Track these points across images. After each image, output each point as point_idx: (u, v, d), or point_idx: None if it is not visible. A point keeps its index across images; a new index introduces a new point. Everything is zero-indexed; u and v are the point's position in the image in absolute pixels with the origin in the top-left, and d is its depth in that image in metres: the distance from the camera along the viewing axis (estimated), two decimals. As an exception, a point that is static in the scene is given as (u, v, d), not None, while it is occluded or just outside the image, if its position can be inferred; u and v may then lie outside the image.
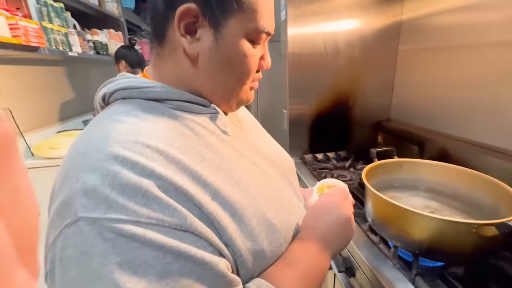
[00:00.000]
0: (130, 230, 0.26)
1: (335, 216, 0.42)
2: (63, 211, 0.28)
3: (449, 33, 0.94)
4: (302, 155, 1.29)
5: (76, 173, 0.28)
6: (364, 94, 1.25)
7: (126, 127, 0.31)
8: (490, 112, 0.83)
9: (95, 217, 0.26)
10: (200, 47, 0.35)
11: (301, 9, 1.09)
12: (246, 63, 0.37)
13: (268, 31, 0.37)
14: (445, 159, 0.92)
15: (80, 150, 0.30)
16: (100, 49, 1.83)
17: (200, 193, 0.31)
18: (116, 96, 0.36)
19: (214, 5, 0.33)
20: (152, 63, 0.39)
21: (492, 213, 0.62)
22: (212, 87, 0.38)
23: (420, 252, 0.57)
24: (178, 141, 0.33)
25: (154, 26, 0.37)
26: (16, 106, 1.37)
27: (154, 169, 0.29)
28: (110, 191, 0.27)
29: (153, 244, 0.26)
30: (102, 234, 0.26)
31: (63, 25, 1.40)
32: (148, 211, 0.27)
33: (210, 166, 0.33)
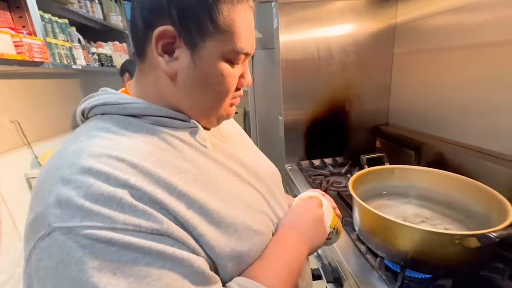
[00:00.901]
0: (107, 235, 0.26)
1: (309, 215, 0.47)
2: (37, 224, 0.28)
3: (444, 34, 0.92)
4: (298, 161, 1.28)
5: (50, 187, 0.29)
6: (360, 98, 1.24)
7: (102, 142, 0.32)
8: (486, 114, 0.80)
9: (70, 226, 0.26)
10: (178, 66, 0.35)
11: (292, 16, 1.10)
12: (224, 83, 0.37)
13: (246, 51, 0.37)
14: (441, 164, 0.89)
15: (55, 164, 0.31)
16: (105, 61, 1.90)
17: (175, 203, 0.31)
18: (95, 111, 0.37)
19: (190, 27, 0.34)
20: (135, 79, 0.41)
21: (485, 221, 0.60)
22: (190, 104, 0.39)
23: (405, 264, 0.56)
24: (155, 155, 0.33)
25: (136, 44, 0.38)
26: (25, 118, 1.43)
27: (128, 180, 0.29)
28: (84, 201, 0.27)
29: (131, 247, 0.27)
30: (78, 241, 0.26)
31: (67, 40, 1.47)
32: (124, 217, 0.28)
33: (186, 178, 0.34)
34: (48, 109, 1.64)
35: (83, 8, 1.70)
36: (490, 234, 0.44)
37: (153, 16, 0.34)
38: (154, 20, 0.34)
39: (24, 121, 1.42)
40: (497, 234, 0.43)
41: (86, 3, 1.74)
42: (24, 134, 1.42)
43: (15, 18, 1.17)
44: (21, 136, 1.42)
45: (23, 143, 1.44)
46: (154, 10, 0.34)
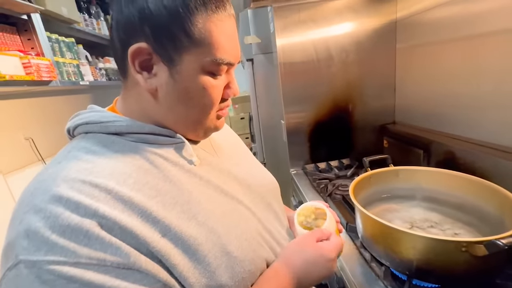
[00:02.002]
0: (69, 272, 0.26)
1: (314, 256, 0.41)
2: (7, 253, 0.28)
3: (447, 26, 0.87)
4: (303, 165, 1.25)
5: (22, 215, 0.29)
6: (364, 98, 1.20)
7: (79, 165, 0.32)
8: (498, 107, 0.75)
9: (34, 260, 0.26)
10: (158, 82, 0.35)
11: (288, 19, 1.09)
12: (207, 95, 0.36)
13: (228, 61, 0.36)
14: (452, 163, 0.84)
15: (30, 190, 0.31)
16: (112, 74, 1.95)
17: (148, 232, 0.31)
18: (79, 130, 0.38)
19: (165, 42, 0.33)
20: (121, 96, 0.41)
21: (498, 225, 0.55)
22: (174, 119, 0.38)
23: (411, 273, 0.52)
24: (133, 176, 0.33)
25: (117, 63, 0.38)
26: (38, 134, 1.50)
27: (98, 209, 0.29)
28: (51, 233, 0.27)
29: (92, 285, 0.27)
30: (40, 276, 0.26)
31: (74, 58, 1.52)
32: (88, 251, 0.27)
33: (164, 201, 0.33)
34: (59, 124, 1.70)
35: (89, 26, 1.76)
36: (499, 241, 0.40)
37: (128, 34, 0.34)
38: (129, 39, 0.34)
39: (38, 137, 1.49)
40: (506, 241, 0.40)
41: (92, 21, 1.81)
42: (38, 150, 1.48)
43: (23, 40, 1.23)
44: (35, 152, 1.48)
45: (37, 159, 1.50)
46: (127, 28, 0.33)
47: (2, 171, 1.27)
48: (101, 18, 1.90)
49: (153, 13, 0.32)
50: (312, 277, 0.41)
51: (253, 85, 1.49)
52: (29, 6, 1.13)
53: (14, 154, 1.36)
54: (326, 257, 0.41)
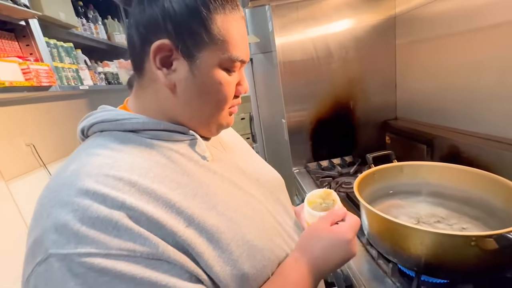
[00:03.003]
0: (100, 264, 0.26)
1: (330, 240, 0.40)
2: (35, 248, 0.28)
3: (447, 20, 0.87)
4: (306, 164, 1.25)
5: (48, 209, 0.29)
6: (365, 94, 1.19)
7: (100, 160, 0.32)
8: (501, 99, 0.74)
9: (65, 253, 0.26)
10: (177, 78, 0.36)
11: (286, 17, 1.08)
12: (222, 91, 0.38)
13: (242, 59, 0.38)
14: (456, 157, 0.84)
15: (53, 187, 0.31)
16: (111, 79, 1.95)
17: (174, 221, 0.31)
18: (94, 129, 0.38)
19: (186, 39, 0.34)
20: (133, 94, 0.41)
21: (506, 218, 0.55)
22: (190, 114, 0.39)
23: (419, 270, 0.52)
24: (153, 170, 0.34)
25: (133, 60, 0.39)
26: (39, 140, 1.50)
27: (125, 200, 0.29)
28: (80, 225, 0.27)
29: (124, 277, 0.27)
30: (72, 269, 0.26)
31: (73, 62, 1.52)
32: (119, 242, 0.27)
33: (185, 193, 0.34)
34: (60, 129, 1.71)
35: (88, 30, 1.76)
36: (509, 234, 0.39)
37: (149, 31, 0.35)
38: (150, 35, 0.35)
39: (39, 143, 1.49)
40: (517, 235, 0.39)
41: (90, 26, 1.81)
42: (39, 156, 1.48)
43: (22, 46, 1.23)
44: (37, 158, 1.48)
45: (39, 165, 1.50)
46: (149, 25, 0.35)
47: (4, 178, 1.26)
48: (98, 22, 1.90)
49: (176, 11, 0.33)
50: (333, 262, 0.40)
51: (253, 84, 1.49)
52: (27, 12, 1.13)
53: (15, 160, 1.35)
54: (343, 239, 0.40)
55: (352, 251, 0.40)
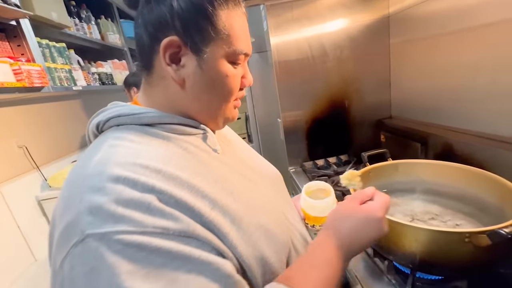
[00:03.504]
0: (137, 240, 0.27)
1: (359, 219, 0.40)
2: (69, 232, 0.28)
3: (440, 19, 0.88)
4: (301, 163, 1.25)
5: (80, 195, 0.29)
6: (360, 93, 1.20)
7: (124, 150, 0.33)
8: (494, 97, 0.75)
9: (103, 232, 0.27)
10: (186, 73, 0.38)
11: (281, 17, 1.08)
12: (229, 83, 0.40)
13: (245, 52, 0.40)
14: (450, 155, 0.84)
15: (81, 174, 0.32)
16: (105, 79, 1.93)
17: (200, 204, 0.32)
18: (110, 123, 0.38)
19: (194, 35, 0.36)
20: (142, 91, 0.42)
21: (499, 215, 0.55)
22: (199, 107, 0.41)
23: (414, 267, 0.52)
24: (174, 159, 0.35)
25: (142, 58, 0.40)
26: (32, 142, 1.48)
27: (154, 185, 0.30)
28: (116, 206, 0.28)
29: (160, 251, 0.28)
30: (110, 247, 0.27)
31: (66, 63, 1.50)
32: (153, 221, 0.29)
33: (206, 180, 0.36)
34: (53, 131, 1.68)
35: (80, 30, 1.74)
36: (501, 230, 0.40)
37: (158, 29, 0.36)
38: (159, 34, 0.36)
39: (31, 145, 1.46)
40: (509, 230, 0.40)
41: (83, 25, 1.78)
42: (32, 158, 1.46)
43: (13, 46, 1.21)
44: (30, 160, 1.46)
45: (32, 167, 1.47)
46: (158, 24, 0.36)
47: (-4, 181, 1.24)
48: (92, 22, 1.88)
49: (183, 9, 0.35)
50: (362, 242, 0.39)
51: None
52: (17, 12, 1.11)
53: (7, 163, 1.33)
54: (374, 218, 0.39)
55: (383, 229, 0.40)
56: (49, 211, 1.47)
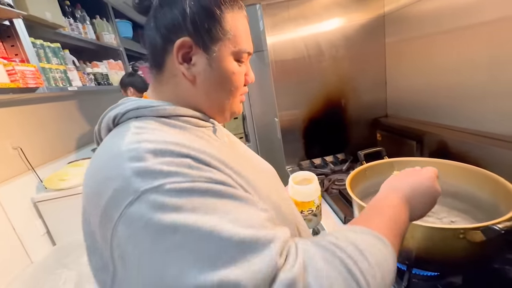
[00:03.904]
0: (189, 186, 0.30)
1: (416, 177, 0.44)
2: (119, 197, 0.29)
3: (435, 18, 0.89)
4: (299, 162, 1.25)
5: (121, 165, 0.30)
6: (356, 92, 1.21)
7: (151, 133, 0.35)
8: (489, 96, 0.76)
9: (156, 185, 0.29)
10: (196, 70, 0.41)
11: (277, 16, 1.09)
12: (235, 79, 0.43)
13: (248, 51, 0.44)
14: (445, 153, 0.85)
15: (115, 151, 0.32)
16: (101, 79, 1.92)
17: (229, 171, 0.36)
18: (129, 115, 0.40)
19: (204, 36, 0.39)
20: (152, 88, 0.45)
21: (493, 211, 0.56)
22: (209, 102, 0.44)
23: (410, 263, 0.53)
24: (196, 141, 0.38)
25: (154, 57, 0.43)
26: (26, 143, 1.46)
27: (189, 152, 0.33)
28: (161, 166, 0.30)
29: (211, 191, 0.30)
30: (167, 194, 0.28)
31: (61, 63, 1.49)
32: (199, 173, 0.31)
33: (227, 156, 0.39)
34: (48, 132, 1.67)
35: (75, 30, 1.72)
36: (495, 226, 0.41)
37: (171, 31, 0.39)
38: (172, 35, 0.39)
39: (26, 146, 1.45)
40: (503, 226, 0.40)
41: (78, 25, 1.77)
42: (27, 159, 1.44)
43: (7, 47, 1.20)
44: (25, 162, 1.44)
45: (27, 168, 1.46)
46: (172, 26, 0.39)
47: (-10, 183, 1.23)
48: (87, 22, 1.86)
49: (194, 13, 0.39)
50: (421, 198, 0.41)
51: (245, 84, 1.49)
52: (11, 12, 1.09)
53: (2, 164, 1.32)
54: (427, 176, 0.44)
55: (438, 188, 0.43)
56: (45, 213, 1.46)
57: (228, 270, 0.25)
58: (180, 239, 0.27)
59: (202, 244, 0.27)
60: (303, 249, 0.30)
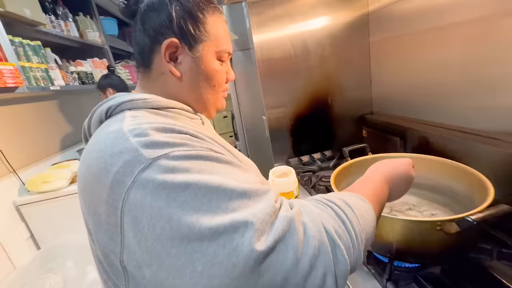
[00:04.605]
0: (195, 153, 0.33)
1: (394, 162, 0.51)
2: (130, 166, 0.31)
3: (416, 18, 0.91)
4: (287, 159, 1.26)
5: (128, 140, 0.33)
6: (342, 90, 1.23)
7: (148, 119, 0.37)
8: (467, 93, 0.79)
9: (165, 152, 0.32)
10: (183, 68, 0.45)
11: (263, 15, 1.09)
12: (218, 76, 0.48)
13: (229, 51, 0.49)
14: (426, 148, 0.88)
15: (114, 134, 0.34)
16: (85, 78, 1.87)
17: (222, 148, 0.40)
18: (122, 107, 0.41)
19: (189, 37, 0.44)
20: (141, 85, 0.48)
21: (470, 203, 0.59)
22: (196, 97, 0.48)
23: (391, 256, 0.54)
24: (189, 125, 0.40)
25: (142, 57, 0.46)
26: (7, 145, 1.41)
27: (188, 130, 0.37)
28: (166, 139, 0.33)
29: (213, 158, 0.34)
30: (176, 159, 0.31)
31: (42, 62, 1.44)
32: (200, 144, 0.35)
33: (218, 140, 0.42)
34: (30, 133, 1.62)
35: (57, 27, 1.67)
36: (469, 217, 0.42)
37: (158, 33, 0.43)
38: (159, 36, 0.43)
39: (7, 148, 1.40)
40: (475, 217, 0.42)
41: (60, 23, 1.71)
42: (8, 161, 1.40)
43: (-17, 45, 1.15)
44: (6, 164, 1.39)
45: (8, 171, 1.41)
46: (158, 29, 0.43)
47: (-32, 186, 1.18)
48: (69, 19, 1.81)
49: (179, 16, 0.43)
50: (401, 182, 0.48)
51: (233, 82, 1.48)
52: (-14, 8, 1.05)
53: (-19, 167, 1.27)
54: (404, 162, 0.51)
55: (413, 174, 0.50)
56: (28, 217, 1.41)
57: (237, 213, 0.30)
58: (192, 193, 0.30)
59: (212, 195, 0.30)
60: (297, 201, 0.36)
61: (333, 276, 0.30)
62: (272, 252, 0.28)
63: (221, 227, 0.28)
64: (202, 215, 0.29)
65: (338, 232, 0.32)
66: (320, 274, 0.29)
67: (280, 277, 0.28)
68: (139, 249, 0.30)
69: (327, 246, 0.30)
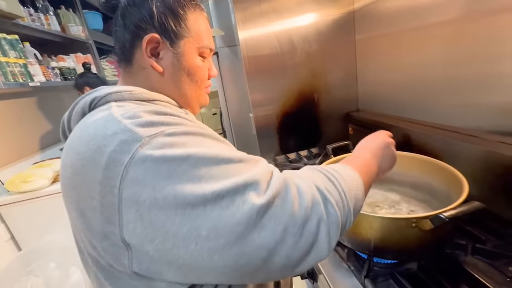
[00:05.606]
0: (188, 130, 0.34)
1: (380, 140, 0.53)
2: (127, 144, 0.31)
3: (400, 16, 0.92)
4: (274, 157, 1.26)
5: (120, 123, 0.33)
6: (328, 87, 1.23)
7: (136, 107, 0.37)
8: (448, 91, 0.80)
9: (160, 130, 0.32)
10: (164, 64, 0.45)
11: (248, 11, 1.07)
12: (200, 72, 0.48)
13: (210, 47, 0.49)
14: (408, 145, 0.89)
15: (104, 119, 0.34)
16: (68, 74, 1.81)
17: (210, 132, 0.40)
18: (108, 98, 0.40)
19: (170, 33, 0.44)
20: (123, 80, 0.48)
21: (447, 200, 0.60)
22: (179, 93, 0.48)
23: (370, 252, 0.55)
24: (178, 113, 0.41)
25: (123, 52, 0.46)
26: (-16, 143, 1.35)
27: (179, 114, 0.38)
28: (159, 119, 0.34)
29: (206, 135, 0.36)
30: (172, 135, 0.33)
31: (20, 57, 1.38)
32: (192, 124, 0.37)
33: None
34: (9, 131, 1.56)
35: (36, 21, 1.60)
36: (441, 214, 0.43)
37: (139, 28, 0.43)
38: (140, 31, 0.43)
39: (-16, 147, 1.34)
40: (448, 214, 0.43)
41: (40, 16, 1.65)
42: (-15, 160, 1.34)
43: (-46, 39, 1.09)
44: (-18, 163, 1.34)
45: None
46: (140, 24, 0.43)
47: None
48: (50, 12, 1.74)
49: (161, 12, 0.43)
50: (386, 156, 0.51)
51: (220, 78, 1.47)
52: (-44, -1, 0.99)
53: (-46, 167, 1.21)
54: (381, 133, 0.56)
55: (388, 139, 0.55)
56: (8, 218, 1.36)
57: (237, 177, 0.32)
58: (192, 163, 0.31)
59: (212, 164, 0.32)
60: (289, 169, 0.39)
61: (326, 226, 0.33)
62: (271, 206, 0.31)
63: (223, 190, 0.30)
64: (205, 182, 0.30)
65: (327, 189, 0.35)
66: (315, 222, 0.32)
67: (280, 228, 0.31)
68: (141, 225, 0.30)
69: (318, 199, 0.34)
